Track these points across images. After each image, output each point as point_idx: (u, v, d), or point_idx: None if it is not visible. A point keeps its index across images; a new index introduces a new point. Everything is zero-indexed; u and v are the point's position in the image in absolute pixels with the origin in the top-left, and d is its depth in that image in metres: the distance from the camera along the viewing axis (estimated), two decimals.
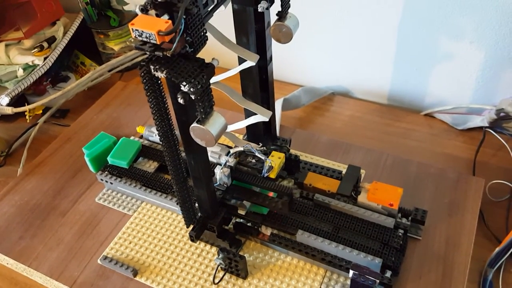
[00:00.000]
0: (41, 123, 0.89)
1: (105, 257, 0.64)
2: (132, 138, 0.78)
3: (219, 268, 0.60)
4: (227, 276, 0.61)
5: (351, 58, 0.86)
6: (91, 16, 0.95)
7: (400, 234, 0.60)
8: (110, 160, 0.73)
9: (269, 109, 0.67)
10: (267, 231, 0.63)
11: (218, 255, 0.59)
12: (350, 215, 0.62)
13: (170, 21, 0.39)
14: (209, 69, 0.43)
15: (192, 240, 0.61)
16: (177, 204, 0.65)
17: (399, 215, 0.63)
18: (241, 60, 0.58)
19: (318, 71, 0.90)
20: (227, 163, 0.63)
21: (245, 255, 0.60)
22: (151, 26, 0.39)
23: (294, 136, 0.77)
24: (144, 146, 0.76)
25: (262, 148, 0.65)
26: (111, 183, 0.72)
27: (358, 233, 0.60)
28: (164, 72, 0.42)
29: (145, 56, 0.43)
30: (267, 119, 0.59)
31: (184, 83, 0.41)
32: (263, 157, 0.62)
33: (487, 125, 0.77)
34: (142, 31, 0.39)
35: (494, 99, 0.77)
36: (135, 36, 0.40)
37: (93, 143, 0.77)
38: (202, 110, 0.43)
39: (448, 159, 0.77)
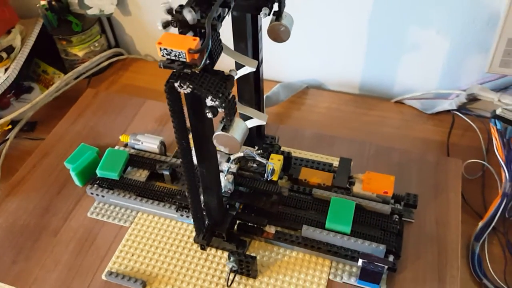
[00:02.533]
0: (12, 139, 0.84)
1: (110, 273, 0.63)
2: (117, 147, 0.77)
3: (230, 270, 0.61)
4: (237, 277, 0.62)
5: (323, 52, 0.88)
6: (51, 22, 0.91)
7: (396, 219, 0.65)
8: (99, 172, 0.71)
9: (260, 110, 0.68)
10: (271, 229, 0.65)
11: (229, 258, 0.60)
12: None
13: (197, 38, 0.39)
14: (231, 81, 0.44)
15: (203, 249, 0.62)
16: (180, 213, 0.65)
17: (392, 201, 0.67)
18: (238, 66, 0.58)
19: (291, 66, 0.92)
20: (230, 170, 0.63)
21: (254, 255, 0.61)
22: (180, 45, 0.39)
23: (279, 133, 0.79)
24: (132, 155, 0.75)
25: (260, 151, 0.66)
26: (103, 196, 0.71)
27: (358, 223, 0.63)
28: (190, 88, 0.42)
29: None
30: (264, 123, 0.60)
31: (211, 97, 0.41)
32: (264, 161, 0.63)
33: (454, 108, 0.83)
34: (171, 50, 0.39)
35: (459, 83, 0.83)
36: (162, 55, 0.40)
37: (76, 156, 0.75)
38: (228, 118, 0.44)
39: (422, 142, 0.82)
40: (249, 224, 0.65)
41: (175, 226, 0.68)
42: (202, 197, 0.59)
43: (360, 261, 0.58)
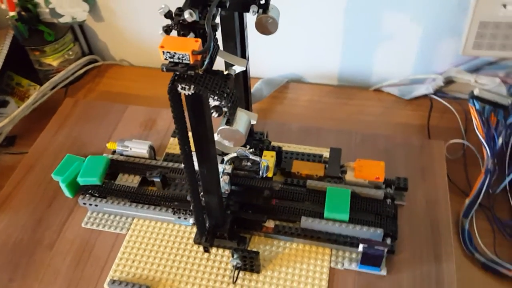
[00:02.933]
0: None
1: (113, 281, 0.63)
2: (105, 155, 0.76)
3: (235, 268, 0.62)
4: (241, 274, 0.63)
5: (301, 45, 0.90)
6: (22, 33, 0.88)
7: (389, 203, 0.67)
8: (80, 180, 0.71)
9: (249, 108, 0.69)
10: (270, 224, 0.66)
11: (233, 255, 0.61)
12: None
13: (199, 40, 0.39)
14: (231, 79, 0.44)
15: (207, 251, 0.62)
16: (177, 216, 0.65)
17: (383, 186, 0.69)
18: (227, 65, 0.59)
19: (270, 61, 0.93)
20: (225, 171, 0.64)
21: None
22: (183, 47, 0.39)
23: (267, 128, 0.80)
24: (121, 162, 0.74)
25: (252, 150, 0.67)
26: (96, 205, 0.70)
27: (354, 210, 0.65)
28: (192, 89, 0.42)
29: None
30: (255, 122, 0.61)
31: (215, 97, 0.42)
32: (258, 159, 0.64)
33: (431, 92, 0.86)
34: (175, 53, 0.39)
35: (434, 68, 0.86)
36: (165, 58, 0.40)
37: (63, 168, 0.73)
38: (231, 112, 0.44)
39: (403, 127, 0.84)
40: (248, 220, 0.66)
41: (173, 229, 0.68)
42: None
43: (360, 246, 0.60)
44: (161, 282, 0.63)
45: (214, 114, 0.43)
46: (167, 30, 0.40)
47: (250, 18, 0.55)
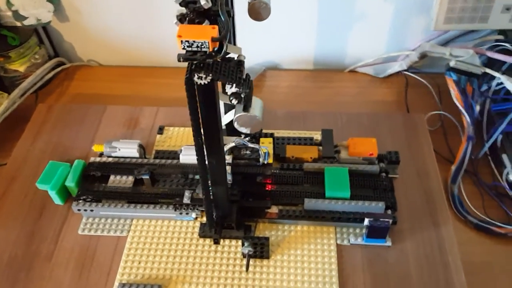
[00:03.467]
0: None
1: (123, 285, 0.61)
2: (92, 159, 0.73)
3: (247, 256, 0.62)
4: (251, 261, 0.63)
5: (276, 32, 0.90)
6: None
7: (384, 177, 0.69)
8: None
9: None
10: (273, 209, 0.67)
11: (243, 244, 0.61)
12: None
13: (216, 26, 0.39)
14: (243, 64, 0.44)
15: (217, 243, 0.62)
16: (179, 212, 0.64)
17: (376, 161, 0.71)
18: None
19: (247, 50, 0.92)
20: (226, 161, 0.64)
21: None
22: (202, 35, 0.38)
23: None
24: (111, 163, 0.72)
25: (247, 138, 0.67)
26: (91, 210, 0.68)
27: (353, 186, 0.67)
28: (209, 78, 0.41)
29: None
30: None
31: (234, 84, 0.42)
32: (257, 147, 0.64)
33: (405, 68, 0.89)
34: (193, 41, 0.38)
35: (406, 45, 0.89)
36: (183, 48, 0.39)
37: (47, 175, 0.70)
38: (249, 98, 0.44)
39: (381, 105, 0.87)
40: (251, 207, 0.66)
41: (175, 226, 0.67)
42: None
43: (366, 220, 0.62)
44: (172, 279, 0.62)
45: (234, 101, 0.43)
46: (181, 19, 0.40)
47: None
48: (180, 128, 0.80)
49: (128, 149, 0.72)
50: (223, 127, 0.59)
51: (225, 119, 0.62)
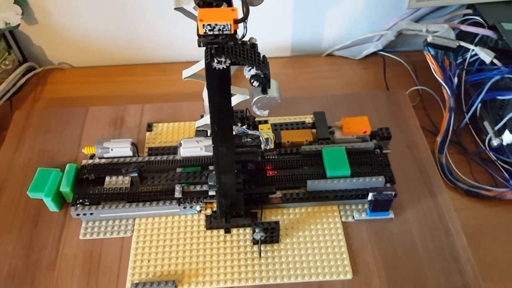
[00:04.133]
0: None
1: (136, 285, 0.60)
2: (84, 162, 0.71)
3: (259, 241, 0.62)
4: (262, 246, 0.64)
5: (253, 21, 0.90)
6: None
7: (378, 152, 0.71)
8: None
9: None
10: (277, 194, 0.67)
11: (254, 231, 0.61)
12: None
13: (235, 8, 0.39)
14: (257, 47, 0.44)
15: (228, 232, 0.62)
16: (183, 206, 0.64)
17: (369, 138, 0.73)
18: None
19: None
20: None
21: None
22: (223, 17, 0.38)
23: (241, 106, 0.80)
24: (105, 164, 0.70)
25: (245, 126, 0.67)
26: (91, 213, 0.66)
27: (350, 164, 0.68)
28: (229, 61, 0.41)
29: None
30: (248, 97, 0.61)
31: (254, 66, 0.42)
32: (257, 133, 0.64)
33: (380, 48, 0.92)
34: (216, 24, 0.38)
35: (380, 25, 0.92)
36: (204, 32, 0.39)
37: (38, 183, 0.67)
38: (268, 79, 0.44)
39: (361, 85, 0.90)
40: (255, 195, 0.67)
41: (180, 220, 0.67)
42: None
43: (370, 195, 0.64)
44: (185, 273, 0.61)
45: (255, 83, 0.43)
46: (199, 3, 0.39)
47: None
48: (169, 123, 0.79)
49: (121, 149, 0.71)
50: None
51: None
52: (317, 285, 0.60)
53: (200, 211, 0.67)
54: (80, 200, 0.66)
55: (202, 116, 0.75)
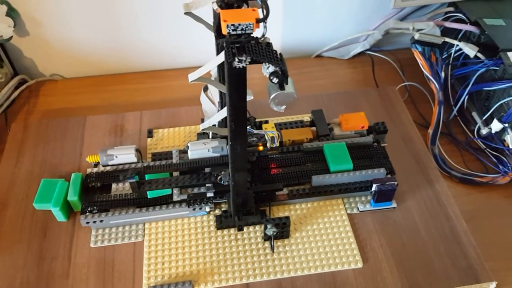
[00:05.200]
0: None
1: (153, 287, 0.60)
2: (89, 170, 0.71)
3: (272, 237, 0.64)
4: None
5: None
6: None
7: (376, 146, 0.74)
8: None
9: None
10: (282, 191, 0.69)
11: (266, 227, 0.63)
12: None
13: (256, 9, 0.41)
14: (272, 45, 0.46)
15: (241, 229, 0.63)
16: (192, 208, 0.65)
17: (366, 133, 0.76)
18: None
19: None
20: None
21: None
22: (246, 17, 0.40)
23: None
24: (110, 172, 0.70)
25: (249, 126, 0.68)
26: (101, 221, 0.66)
27: (351, 158, 0.71)
28: (249, 60, 0.43)
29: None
30: (252, 97, 0.63)
31: (273, 63, 0.43)
32: (263, 132, 0.66)
33: (367, 48, 0.95)
34: (239, 24, 0.40)
35: (364, 26, 0.95)
36: (228, 32, 0.40)
37: (44, 194, 0.67)
38: (283, 76, 0.46)
39: (351, 84, 0.93)
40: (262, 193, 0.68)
41: (189, 222, 0.68)
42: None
43: (374, 186, 0.66)
44: (200, 273, 0.62)
45: (274, 80, 0.44)
46: (221, 5, 0.41)
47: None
48: (170, 129, 0.80)
49: (125, 155, 0.71)
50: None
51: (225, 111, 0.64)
52: (330, 275, 0.62)
53: (209, 212, 0.68)
54: (89, 208, 0.67)
55: (203, 120, 0.77)
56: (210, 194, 0.67)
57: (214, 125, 0.62)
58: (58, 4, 0.84)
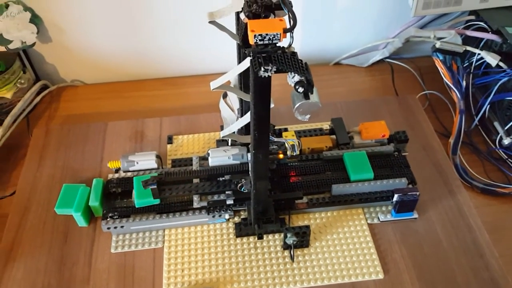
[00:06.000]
0: None
1: None
2: (110, 176, 0.72)
3: (292, 246, 0.64)
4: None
5: None
6: None
7: (397, 155, 0.73)
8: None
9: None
10: (302, 199, 0.69)
11: (286, 236, 0.63)
12: None
13: (283, 19, 0.41)
14: (297, 54, 0.46)
15: (261, 238, 0.63)
16: (212, 215, 0.65)
17: (386, 142, 0.75)
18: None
19: (232, 55, 0.94)
20: None
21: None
22: (273, 28, 0.40)
23: None
24: (131, 178, 0.70)
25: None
26: (122, 226, 0.66)
27: (372, 167, 0.70)
28: (274, 69, 0.43)
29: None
30: (273, 105, 0.63)
31: (299, 72, 0.43)
32: (283, 140, 0.66)
33: (387, 55, 0.95)
34: (266, 34, 0.40)
35: (384, 34, 0.95)
36: (255, 42, 0.41)
37: (65, 199, 0.68)
38: (308, 85, 0.46)
39: (370, 92, 0.92)
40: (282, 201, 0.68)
41: (209, 229, 0.68)
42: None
43: (396, 196, 0.66)
44: (220, 281, 0.62)
45: (300, 89, 0.44)
46: (249, 15, 0.41)
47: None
48: (189, 135, 0.80)
49: (146, 161, 0.71)
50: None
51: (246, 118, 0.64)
52: (351, 285, 0.62)
53: (229, 219, 0.68)
54: (110, 214, 0.67)
55: (222, 127, 0.78)
56: (230, 202, 0.67)
57: (234, 132, 0.62)
58: (80, 12, 0.85)
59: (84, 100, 0.92)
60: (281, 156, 0.69)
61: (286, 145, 0.67)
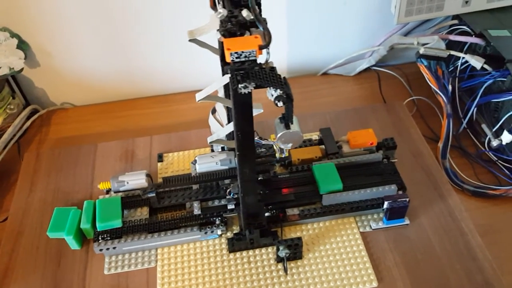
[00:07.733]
0: None
1: None
2: (101, 197, 0.72)
3: (285, 259, 0.64)
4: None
5: None
6: None
7: (386, 162, 0.74)
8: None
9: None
10: (294, 211, 0.69)
11: (278, 249, 0.63)
12: (346, 166, 0.72)
13: (259, 36, 0.41)
14: (275, 69, 0.46)
15: (252, 243, 0.64)
16: (204, 232, 0.65)
17: (375, 149, 0.76)
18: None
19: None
20: None
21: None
22: (249, 45, 0.41)
23: None
24: (122, 198, 0.71)
25: (258, 137, 0.68)
26: (114, 248, 0.66)
27: (361, 176, 0.71)
28: (253, 85, 0.43)
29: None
30: (261, 110, 0.63)
31: (277, 87, 0.44)
32: (271, 142, 0.66)
33: (373, 63, 0.96)
34: (242, 52, 0.41)
35: (369, 42, 0.96)
36: (232, 60, 0.41)
37: (57, 222, 0.68)
38: (288, 116, 0.46)
39: (358, 100, 0.93)
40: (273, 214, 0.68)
41: (202, 246, 0.68)
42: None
43: (386, 203, 0.66)
44: None
45: (280, 104, 0.45)
46: (224, 34, 0.42)
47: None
48: (179, 152, 0.80)
49: (136, 181, 0.71)
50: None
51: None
52: None
53: (221, 235, 0.68)
54: (102, 236, 0.67)
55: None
56: (231, 206, 0.67)
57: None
58: (66, 35, 0.86)
59: (75, 123, 0.93)
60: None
61: (275, 147, 0.67)
